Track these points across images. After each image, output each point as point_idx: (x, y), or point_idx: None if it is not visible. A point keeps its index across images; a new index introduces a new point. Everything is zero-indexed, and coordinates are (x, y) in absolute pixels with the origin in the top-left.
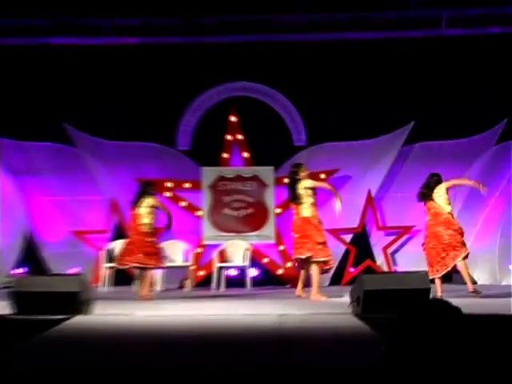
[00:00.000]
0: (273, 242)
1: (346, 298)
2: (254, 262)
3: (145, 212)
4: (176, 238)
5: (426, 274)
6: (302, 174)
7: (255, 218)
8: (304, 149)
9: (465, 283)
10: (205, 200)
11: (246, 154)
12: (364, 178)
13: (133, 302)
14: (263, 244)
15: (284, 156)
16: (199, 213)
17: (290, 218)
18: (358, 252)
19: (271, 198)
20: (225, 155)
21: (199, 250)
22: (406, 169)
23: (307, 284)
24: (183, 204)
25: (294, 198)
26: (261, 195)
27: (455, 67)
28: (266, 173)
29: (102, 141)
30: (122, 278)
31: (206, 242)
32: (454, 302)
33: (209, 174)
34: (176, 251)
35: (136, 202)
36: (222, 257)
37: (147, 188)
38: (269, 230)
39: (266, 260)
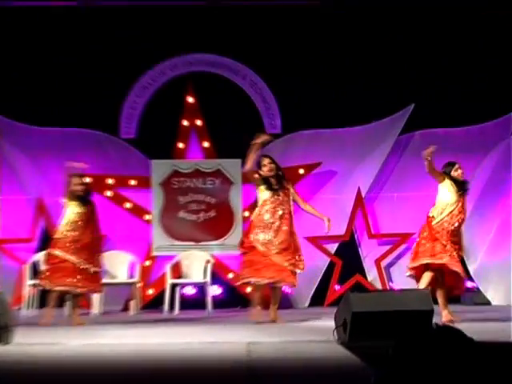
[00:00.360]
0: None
1: (330, 323)
2: (217, 278)
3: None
4: (118, 247)
5: (427, 292)
6: (264, 170)
7: (218, 224)
8: (279, 137)
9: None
10: (155, 201)
11: (206, 144)
12: (352, 174)
13: (63, 329)
14: (228, 255)
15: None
16: (147, 217)
17: None
18: (345, 265)
19: (238, 199)
20: (180, 145)
21: (148, 262)
22: (404, 163)
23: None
24: (128, 205)
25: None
26: (225, 195)
27: (462, 38)
28: (232, 167)
29: (27, 127)
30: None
31: (156, 253)
32: (460, 326)
33: (160, 168)
34: (119, 264)
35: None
36: (177, 271)
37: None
38: (235, 238)
39: (231, 275)
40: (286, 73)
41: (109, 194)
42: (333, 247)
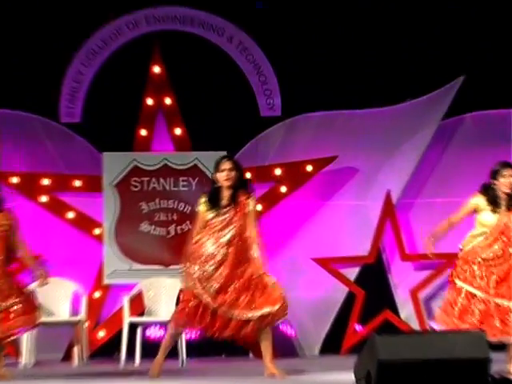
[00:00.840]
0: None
1: (349, 376)
2: None
3: None
4: (57, 273)
5: (482, 334)
6: (220, 176)
7: None
8: (278, 121)
9: None
10: (107, 209)
11: (178, 131)
12: (379, 173)
13: None
14: None
15: (244, 134)
16: (97, 231)
17: None
18: (369, 297)
19: None
20: (142, 132)
21: (97, 294)
22: (450, 157)
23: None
24: (70, 215)
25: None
26: None
27: None
28: (213, 162)
29: None
30: None
31: (108, 281)
32: None
33: (115, 163)
34: (58, 297)
35: None
36: (138, 306)
37: None
38: None
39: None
40: (289, 35)
41: (44, 199)
42: (352, 273)
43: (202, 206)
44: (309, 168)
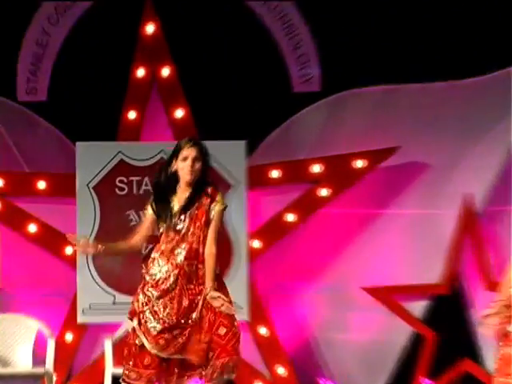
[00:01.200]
0: (245, 319)
1: None
2: None
3: None
4: (15, 308)
5: None
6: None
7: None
8: (317, 100)
9: None
10: (81, 220)
11: (179, 113)
12: (455, 171)
13: None
14: None
15: (270, 117)
16: (68, 250)
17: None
18: (442, 341)
19: (240, 214)
20: (130, 114)
21: (69, 336)
22: None
23: None
24: (32, 229)
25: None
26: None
27: None
28: (229, 155)
29: None
30: None
31: (84, 320)
32: None
33: (92, 157)
34: (15, 340)
35: None
36: (123, 353)
37: None
38: (235, 288)
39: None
40: None
41: None
42: (419, 307)
43: (149, 210)
44: (359, 164)
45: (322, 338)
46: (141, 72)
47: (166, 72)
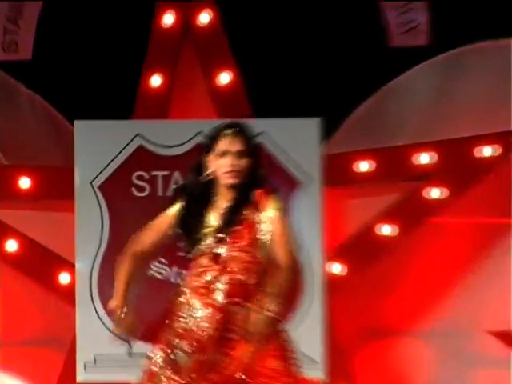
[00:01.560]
0: (320, 377)
1: None
2: None
3: None
4: None
5: None
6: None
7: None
8: (424, 58)
9: None
10: (81, 234)
11: (225, 77)
12: None
13: None
14: None
15: (357, 83)
16: (64, 278)
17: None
18: None
19: (314, 227)
20: (154, 80)
21: None
22: None
23: None
24: (11, 247)
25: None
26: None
27: None
28: (295, 139)
29: None
30: None
31: (85, 378)
32: None
33: (98, 142)
34: None
35: None
36: None
37: None
38: (303, 322)
39: None
40: None
41: None
42: None
43: (175, 209)
44: (486, 151)
45: None
46: (169, 19)
47: (204, 18)
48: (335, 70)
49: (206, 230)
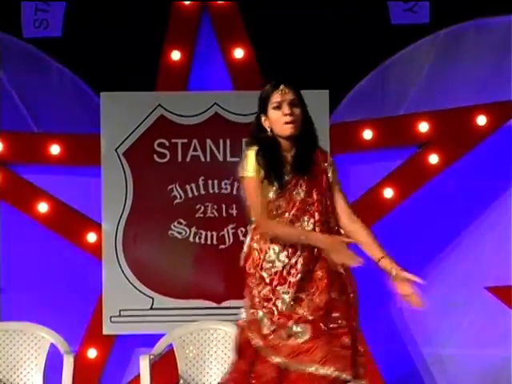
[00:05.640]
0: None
1: None
2: None
3: None
4: (21, 315)
5: None
6: (274, 121)
7: None
8: (424, 35)
9: None
10: (107, 197)
11: (239, 52)
12: None
13: None
14: None
15: (359, 58)
16: (91, 237)
17: None
18: None
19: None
20: (174, 55)
21: (92, 352)
22: None
23: None
24: (42, 209)
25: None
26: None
27: None
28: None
29: None
30: None
31: (111, 331)
32: None
33: (122, 112)
34: (21, 357)
35: None
36: (167, 374)
37: None
38: None
39: None
40: None
41: None
42: None
43: (252, 170)
44: (480, 121)
45: (431, 354)
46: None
47: None
48: (341, 46)
49: (284, 173)
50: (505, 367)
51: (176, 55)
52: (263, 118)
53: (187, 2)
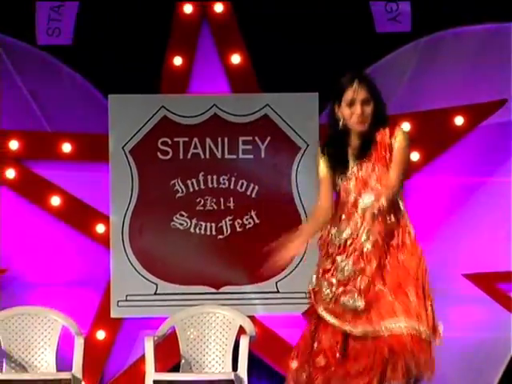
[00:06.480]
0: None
1: None
2: (264, 371)
3: None
4: (34, 299)
5: None
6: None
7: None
8: (406, 42)
9: None
10: (114, 191)
11: (236, 58)
12: None
13: None
14: (290, 317)
15: (346, 64)
16: (100, 228)
17: None
18: None
19: (312, 187)
20: (176, 60)
21: (101, 334)
22: None
23: None
24: (54, 202)
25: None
26: (283, 176)
27: None
28: (297, 110)
29: None
30: None
31: (119, 314)
32: None
33: (128, 113)
34: (35, 338)
35: None
36: (169, 355)
37: None
38: (305, 277)
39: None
40: None
41: (10, 174)
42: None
43: (322, 166)
44: (457, 121)
45: None
46: (188, 8)
47: (219, 7)
48: (330, 52)
49: (348, 160)
50: (481, 349)
51: (178, 60)
52: (337, 108)
53: (188, 12)
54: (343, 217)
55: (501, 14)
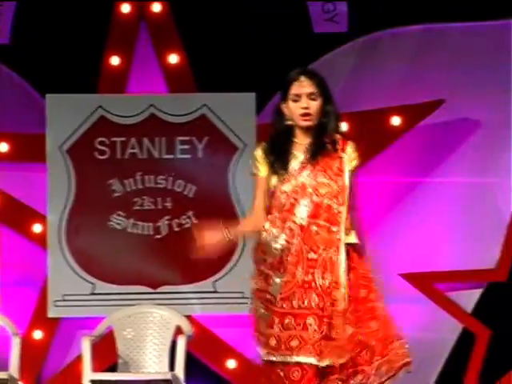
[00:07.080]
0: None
1: None
2: (199, 371)
3: None
4: None
5: None
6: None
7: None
8: (343, 42)
9: None
10: (52, 190)
11: (173, 58)
12: None
13: None
14: (226, 317)
15: (285, 64)
16: (37, 228)
17: None
18: (499, 341)
19: (250, 188)
20: (113, 60)
21: (38, 334)
22: None
23: None
24: None
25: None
26: (219, 175)
27: None
28: (234, 109)
29: None
30: None
31: (56, 314)
32: None
33: (65, 113)
34: None
35: None
36: (106, 355)
37: None
38: (240, 276)
39: (231, 364)
40: None
41: None
42: (470, 298)
43: (259, 164)
44: (394, 121)
45: None
46: (126, 8)
47: (157, 7)
48: (268, 52)
49: (290, 160)
50: (418, 349)
51: (115, 60)
52: (283, 106)
53: (126, 12)
54: (277, 222)
55: (437, 13)
